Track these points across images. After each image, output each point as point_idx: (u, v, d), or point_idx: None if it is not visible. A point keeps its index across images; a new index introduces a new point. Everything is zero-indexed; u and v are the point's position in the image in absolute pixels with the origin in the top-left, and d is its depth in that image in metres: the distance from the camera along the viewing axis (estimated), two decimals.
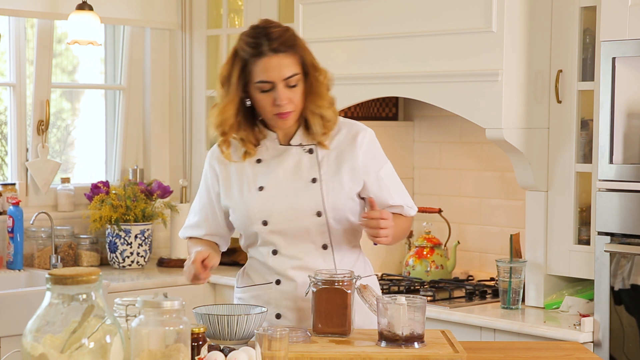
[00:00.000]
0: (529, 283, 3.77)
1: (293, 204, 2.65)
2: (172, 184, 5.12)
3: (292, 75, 2.61)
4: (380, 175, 2.73)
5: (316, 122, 2.67)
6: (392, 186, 2.75)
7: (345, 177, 2.68)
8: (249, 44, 2.61)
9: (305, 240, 2.67)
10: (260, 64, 2.60)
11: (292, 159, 2.69)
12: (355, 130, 2.73)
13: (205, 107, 5.07)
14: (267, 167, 2.69)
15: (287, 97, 2.61)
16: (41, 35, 4.74)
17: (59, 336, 1.87)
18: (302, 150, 2.70)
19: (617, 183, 3.37)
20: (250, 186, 2.69)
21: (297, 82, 2.62)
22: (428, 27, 3.81)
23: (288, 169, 2.68)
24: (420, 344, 2.36)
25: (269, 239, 2.67)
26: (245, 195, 2.69)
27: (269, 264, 2.70)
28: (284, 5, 4.70)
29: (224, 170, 2.74)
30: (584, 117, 3.64)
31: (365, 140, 2.71)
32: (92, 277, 1.90)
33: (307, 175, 2.67)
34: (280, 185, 2.67)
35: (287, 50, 2.61)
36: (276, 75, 2.60)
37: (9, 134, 4.79)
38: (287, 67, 2.60)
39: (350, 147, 2.70)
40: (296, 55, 2.63)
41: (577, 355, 2.50)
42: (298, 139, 2.70)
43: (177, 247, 4.89)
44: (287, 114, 2.63)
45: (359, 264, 2.77)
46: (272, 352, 2.15)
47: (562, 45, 3.65)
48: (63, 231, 4.74)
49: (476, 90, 3.65)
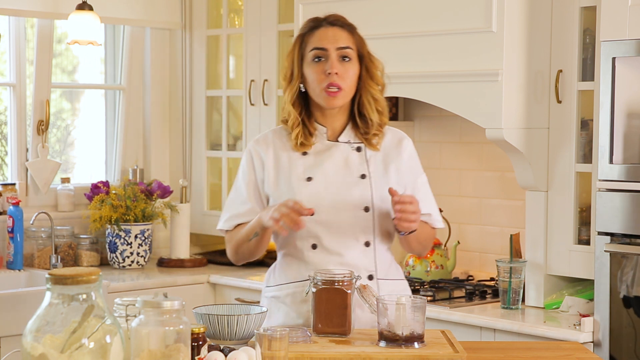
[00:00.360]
0: (529, 283, 3.77)
1: (342, 196, 2.66)
2: (172, 184, 5.12)
3: (346, 46, 2.67)
4: (418, 183, 2.77)
5: (371, 108, 2.69)
6: (425, 197, 2.78)
7: (393, 177, 2.71)
8: (309, 22, 2.73)
9: (349, 235, 2.67)
10: (317, 34, 2.69)
11: (340, 155, 2.71)
12: (400, 135, 2.78)
13: (205, 107, 5.07)
14: (315, 160, 2.71)
15: (339, 69, 2.64)
16: (41, 35, 4.74)
17: (59, 336, 1.87)
18: (350, 148, 2.72)
19: (617, 183, 3.37)
20: (298, 176, 2.70)
21: (350, 57, 2.67)
22: (428, 27, 3.81)
23: (337, 164, 2.70)
24: (420, 344, 2.36)
25: (313, 230, 2.66)
26: (294, 185, 2.69)
27: (307, 260, 2.69)
28: (284, 5, 4.70)
29: (271, 159, 2.74)
30: (584, 117, 3.64)
31: (409, 146, 2.78)
32: (92, 277, 1.90)
33: (357, 171, 2.69)
34: (329, 178, 2.69)
35: (343, 26, 2.71)
36: (330, 43, 2.66)
37: (9, 134, 4.79)
38: (342, 38, 2.68)
39: (396, 150, 2.74)
40: (353, 36, 2.70)
41: (577, 355, 2.50)
42: (346, 137, 2.73)
43: (177, 247, 4.89)
44: (336, 92, 2.65)
45: (394, 266, 2.78)
46: (272, 352, 2.15)
47: (562, 45, 3.65)
48: (63, 231, 4.74)
49: (476, 90, 3.65)
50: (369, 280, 2.68)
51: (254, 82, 4.79)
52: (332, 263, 2.66)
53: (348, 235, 2.67)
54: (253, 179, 2.77)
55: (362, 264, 2.67)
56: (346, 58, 2.67)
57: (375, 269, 2.69)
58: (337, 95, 2.66)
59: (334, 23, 2.70)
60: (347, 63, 2.67)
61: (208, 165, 5.09)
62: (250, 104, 4.81)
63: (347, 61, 2.67)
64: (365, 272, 2.68)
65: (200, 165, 5.10)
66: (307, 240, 2.68)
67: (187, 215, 4.90)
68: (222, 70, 5.01)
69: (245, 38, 4.83)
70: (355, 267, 2.66)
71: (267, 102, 4.74)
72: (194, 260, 4.87)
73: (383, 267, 2.71)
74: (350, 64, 2.67)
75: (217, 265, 4.90)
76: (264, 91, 4.75)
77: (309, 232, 2.67)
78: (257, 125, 4.80)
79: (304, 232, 2.66)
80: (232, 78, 5.03)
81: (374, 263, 2.69)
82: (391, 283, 2.72)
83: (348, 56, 2.67)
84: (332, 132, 2.74)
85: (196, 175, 5.12)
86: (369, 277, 2.68)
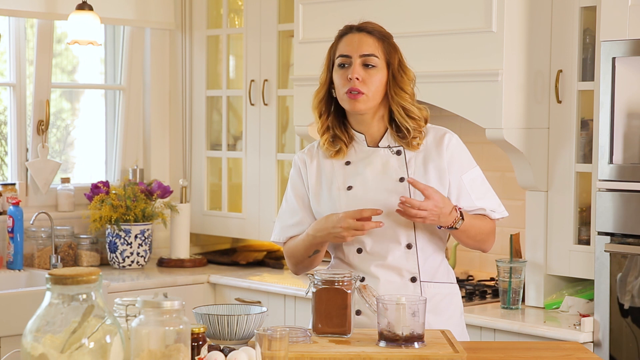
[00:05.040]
0: (529, 283, 3.77)
1: (381, 201, 2.66)
2: (172, 184, 5.12)
3: (370, 54, 2.67)
4: (463, 179, 2.73)
5: (401, 116, 2.69)
6: (476, 191, 2.75)
7: (433, 177, 2.70)
8: (341, 29, 2.75)
9: (391, 238, 2.67)
10: (344, 40, 2.71)
11: (379, 160, 2.71)
12: (442, 132, 2.76)
13: (205, 107, 5.07)
14: (355, 168, 2.72)
15: (361, 75, 2.65)
16: (41, 35, 4.74)
17: (59, 336, 1.87)
18: (390, 152, 2.72)
19: (617, 183, 3.37)
20: (339, 186, 2.71)
21: (374, 65, 2.67)
22: (428, 27, 3.81)
23: (376, 170, 2.70)
24: (420, 344, 2.36)
25: (355, 237, 2.67)
26: (334, 194, 2.71)
27: (353, 263, 2.71)
28: (284, 5, 4.70)
29: (314, 170, 2.77)
30: (584, 117, 3.65)
31: (451, 143, 2.74)
32: (92, 277, 1.90)
33: (395, 175, 2.69)
34: (368, 184, 2.69)
35: (372, 33, 2.71)
36: (354, 49, 2.67)
37: (9, 134, 4.79)
38: (367, 44, 2.68)
39: (436, 149, 2.72)
40: (382, 43, 2.70)
41: (577, 355, 2.50)
42: (386, 142, 2.73)
43: (177, 247, 4.89)
44: (357, 95, 2.65)
45: (442, 269, 2.76)
46: (272, 352, 2.15)
47: (562, 45, 3.65)
48: (63, 231, 4.74)
49: (476, 90, 3.65)
50: (412, 282, 2.68)
51: (254, 82, 4.79)
52: (375, 266, 2.68)
53: (390, 238, 2.68)
54: (301, 189, 2.79)
55: (405, 267, 2.68)
56: (369, 65, 2.67)
57: (418, 271, 2.69)
58: (358, 98, 2.65)
59: (362, 29, 2.71)
60: (371, 70, 2.67)
61: (208, 165, 5.09)
62: (250, 104, 4.81)
63: (370, 68, 2.67)
64: (408, 274, 2.68)
65: (200, 165, 5.10)
66: (353, 245, 2.71)
67: (187, 215, 4.90)
68: (222, 70, 5.01)
69: (245, 38, 4.83)
70: (397, 270, 2.67)
71: (267, 102, 4.74)
72: (194, 260, 4.87)
73: (428, 270, 2.70)
74: (374, 70, 2.67)
75: (217, 265, 4.90)
76: (264, 91, 4.75)
77: (354, 239, 2.68)
78: (257, 125, 4.80)
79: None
80: (232, 78, 5.03)
81: (416, 265, 2.69)
82: (435, 286, 2.71)
83: (372, 64, 2.67)
84: (371, 138, 2.74)
85: (196, 175, 5.12)
86: (411, 280, 2.68)
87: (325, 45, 4.15)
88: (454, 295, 2.77)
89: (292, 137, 4.75)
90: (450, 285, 2.77)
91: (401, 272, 2.67)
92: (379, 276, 2.67)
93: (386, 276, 2.67)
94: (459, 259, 4.34)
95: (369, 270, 2.68)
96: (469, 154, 2.79)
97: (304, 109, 4.25)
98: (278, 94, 4.72)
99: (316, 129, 2.79)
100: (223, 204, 5.01)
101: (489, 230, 2.78)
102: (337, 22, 4.13)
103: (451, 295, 2.76)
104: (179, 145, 5.18)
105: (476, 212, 2.73)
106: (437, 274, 2.73)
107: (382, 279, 2.67)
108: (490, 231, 2.78)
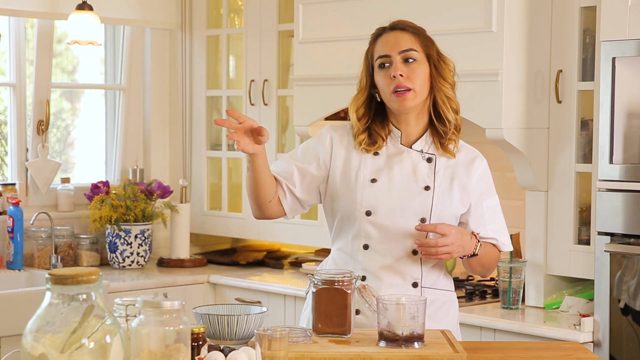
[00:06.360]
0: (529, 283, 3.77)
1: (402, 203, 2.66)
2: (172, 184, 5.12)
3: (409, 49, 2.66)
4: (483, 206, 2.73)
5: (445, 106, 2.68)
6: (492, 220, 2.75)
7: (456, 195, 2.69)
8: (374, 33, 2.74)
9: (400, 241, 2.66)
10: (380, 41, 2.70)
11: (410, 162, 2.70)
12: (474, 154, 2.75)
13: (206, 107, 5.07)
14: (384, 162, 2.70)
15: (404, 71, 2.64)
16: (41, 35, 4.74)
17: (59, 336, 1.87)
18: (422, 157, 2.70)
19: (617, 183, 3.37)
20: (364, 176, 2.69)
21: (415, 59, 2.66)
22: (428, 27, 3.78)
23: (405, 170, 2.69)
24: (420, 344, 2.36)
25: (367, 230, 2.66)
26: (359, 183, 2.68)
27: (358, 259, 2.69)
28: (284, 5, 4.70)
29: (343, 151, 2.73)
30: (584, 117, 3.65)
31: (481, 166, 2.74)
32: (92, 277, 1.90)
33: (422, 182, 2.68)
34: (393, 183, 2.68)
35: (406, 29, 2.71)
36: (392, 48, 2.66)
37: (9, 134, 4.79)
38: (404, 40, 2.67)
39: (465, 169, 2.71)
40: (417, 37, 2.69)
41: (577, 355, 2.50)
42: (420, 145, 2.71)
43: (177, 247, 4.89)
44: (404, 92, 2.64)
45: (442, 279, 2.76)
46: (272, 352, 2.15)
47: (562, 45, 3.65)
48: (63, 231, 4.74)
49: (476, 90, 3.65)
50: (413, 287, 2.68)
51: (254, 82, 4.79)
52: (379, 266, 2.67)
53: (399, 241, 2.67)
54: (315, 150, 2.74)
55: (408, 271, 2.68)
56: (410, 60, 2.66)
57: (420, 277, 2.68)
58: (406, 95, 2.64)
59: (395, 27, 2.71)
60: (413, 64, 2.66)
61: (208, 165, 5.09)
62: (250, 104, 4.81)
63: (411, 62, 2.66)
64: (410, 279, 2.68)
65: (200, 165, 5.10)
66: (360, 239, 2.69)
67: (187, 215, 4.90)
68: (222, 70, 5.01)
69: (245, 38, 4.83)
70: (401, 273, 2.67)
71: (267, 102, 4.74)
72: (194, 260, 4.87)
73: (430, 277, 2.70)
74: (416, 64, 2.66)
75: (217, 265, 4.90)
76: (264, 91, 4.75)
77: (364, 231, 2.67)
78: None
79: (360, 230, 2.68)
80: (232, 78, 5.03)
81: (419, 271, 2.69)
82: (435, 292, 2.71)
83: (412, 58, 2.66)
84: (407, 137, 2.72)
85: (196, 175, 5.12)
86: (413, 285, 2.68)
87: (325, 45, 4.17)
88: (452, 303, 2.77)
89: (292, 137, 4.75)
90: (449, 293, 2.77)
91: (404, 276, 2.67)
92: (382, 278, 2.66)
93: (389, 279, 2.66)
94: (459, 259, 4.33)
95: (374, 269, 2.67)
96: (492, 181, 2.79)
97: (304, 109, 4.25)
98: (278, 94, 4.72)
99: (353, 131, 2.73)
100: (223, 204, 5.01)
101: (496, 259, 2.80)
102: (337, 22, 4.15)
103: (449, 302, 2.76)
104: (179, 145, 5.18)
105: (488, 241, 2.74)
106: (437, 281, 2.73)
107: (384, 281, 2.66)
108: (497, 260, 2.80)
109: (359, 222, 2.68)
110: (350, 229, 2.70)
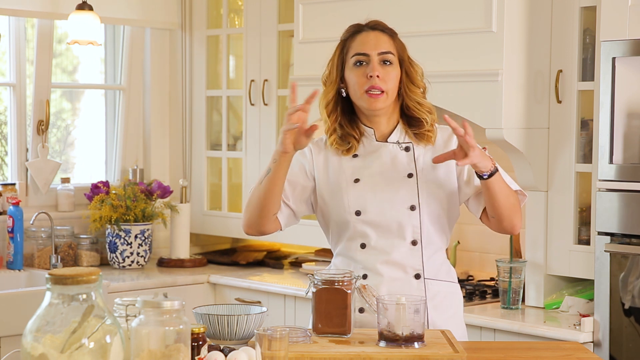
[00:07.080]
0: (529, 283, 3.77)
1: (388, 196, 2.67)
2: (172, 184, 5.12)
3: (387, 51, 2.69)
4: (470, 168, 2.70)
5: (419, 111, 2.71)
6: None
7: (441, 174, 2.71)
8: (351, 27, 2.75)
9: (396, 234, 2.68)
10: (358, 38, 2.72)
11: (388, 155, 2.72)
12: (450, 131, 2.75)
13: (205, 107, 5.07)
14: (363, 161, 2.72)
15: (380, 72, 2.66)
16: (41, 35, 4.74)
17: (59, 336, 1.87)
18: (399, 148, 2.72)
19: (617, 183, 3.37)
20: (347, 179, 2.71)
21: (391, 62, 2.69)
22: (428, 27, 3.81)
23: (384, 164, 2.71)
24: (420, 344, 2.36)
25: (361, 230, 2.68)
26: (342, 187, 2.71)
27: (357, 259, 2.70)
28: (284, 5, 4.70)
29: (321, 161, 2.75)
30: (584, 117, 3.65)
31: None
32: (92, 277, 1.90)
33: (404, 171, 2.70)
34: (375, 178, 2.70)
35: (385, 31, 2.73)
36: (372, 47, 2.68)
37: (9, 134, 4.79)
38: (384, 42, 2.70)
39: (445, 147, 2.72)
40: (394, 41, 2.73)
41: (577, 355, 2.50)
42: (395, 137, 2.73)
43: (177, 247, 4.89)
44: (378, 94, 2.66)
45: (445, 268, 2.76)
46: (272, 352, 2.15)
47: (562, 45, 3.65)
48: (63, 231, 4.74)
49: (476, 90, 3.65)
50: (416, 279, 2.69)
51: (254, 82, 4.79)
52: (379, 262, 2.68)
53: (395, 234, 2.68)
54: (300, 162, 2.75)
55: (409, 263, 2.68)
56: (387, 62, 2.68)
57: (422, 268, 2.69)
58: (379, 97, 2.67)
59: (375, 27, 2.73)
60: (389, 67, 2.68)
61: (208, 165, 5.09)
62: (250, 104, 4.81)
63: (388, 65, 2.68)
64: (412, 270, 2.68)
65: (200, 165, 5.10)
66: (356, 240, 2.70)
67: (187, 215, 4.90)
68: (222, 70, 5.01)
69: (245, 38, 4.83)
70: (402, 266, 2.67)
71: (267, 102, 4.74)
72: (194, 260, 4.87)
73: (432, 267, 2.71)
74: (391, 67, 2.69)
75: (217, 265, 4.90)
76: (264, 91, 4.75)
77: (358, 232, 2.69)
78: (257, 125, 4.80)
79: (354, 232, 2.69)
80: (232, 78, 5.03)
81: (421, 262, 2.69)
82: (439, 283, 2.72)
83: (389, 60, 2.69)
84: (380, 133, 2.74)
85: (196, 175, 5.12)
86: (415, 276, 2.68)
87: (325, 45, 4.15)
88: (456, 294, 2.77)
89: None
90: (452, 284, 2.77)
91: (405, 269, 2.68)
92: (383, 273, 2.67)
93: (390, 273, 2.67)
94: (459, 259, 4.34)
95: (374, 267, 2.68)
96: None
97: None
98: (278, 94, 4.72)
99: (324, 129, 2.77)
100: (223, 204, 5.01)
101: (514, 197, 2.71)
102: (337, 22, 4.14)
103: (453, 294, 2.76)
104: (179, 145, 5.18)
105: None
106: (440, 272, 2.73)
107: (385, 275, 2.67)
108: (516, 199, 2.72)
109: (352, 224, 2.69)
110: (345, 233, 2.72)
